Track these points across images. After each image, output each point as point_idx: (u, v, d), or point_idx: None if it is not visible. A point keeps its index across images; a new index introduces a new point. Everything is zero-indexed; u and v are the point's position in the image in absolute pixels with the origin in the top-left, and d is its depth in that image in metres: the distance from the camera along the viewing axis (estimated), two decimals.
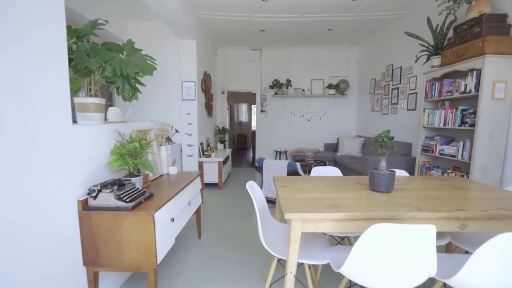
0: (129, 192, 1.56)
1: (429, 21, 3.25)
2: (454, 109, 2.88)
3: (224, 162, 4.75)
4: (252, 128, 12.30)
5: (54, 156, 1.32)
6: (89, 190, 1.46)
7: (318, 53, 6.31)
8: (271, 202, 3.23)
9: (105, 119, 1.96)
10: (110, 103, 4.20)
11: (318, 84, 6.45)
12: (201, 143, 4.62)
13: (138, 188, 1.67)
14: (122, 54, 1.77)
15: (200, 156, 4.47)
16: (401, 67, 4.41)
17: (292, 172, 2.98)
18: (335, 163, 5.57)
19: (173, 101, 4.30)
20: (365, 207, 1.32)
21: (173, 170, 2.47)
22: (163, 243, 1.60)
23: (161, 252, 1.57)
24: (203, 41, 4.67)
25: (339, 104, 6.53)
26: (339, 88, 6.20)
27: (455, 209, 1.29)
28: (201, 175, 4.53)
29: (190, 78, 4.17)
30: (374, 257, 1.10)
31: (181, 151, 4.37)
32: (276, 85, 6.26)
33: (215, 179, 4.54)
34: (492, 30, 2.48)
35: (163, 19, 3.40)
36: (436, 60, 3.14)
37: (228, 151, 5.65)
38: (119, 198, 1.48)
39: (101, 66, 1.70)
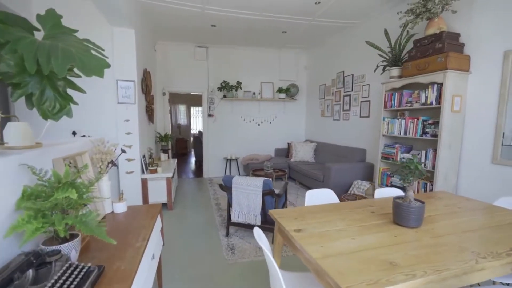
0: (60, 282, 0.87)
1: (386, 32, 3.35)
2: (415, 120, 3.00)
3: (172, 176, 4.00)
4: (192, 132, 11.41)
5: None
6: None
7: (269, 55, 6.11)
8: (244, 226, 2.77)
9: (1, 144, 1.16)
10: (11, 116, 2.87)
11: (268, 88, 6.25)
12: (143, 156, 3.77)
13: (75, 265, 0.98)
14: (33, 35, 1.04)
15: (143, 172, 3.62)
16: (352, 75, 4.54)
17: (268, 191, 2.58)
18: (290, 169, 5.45)
19: (104, 105, 3.31)
20: (424, 259, 1.03)
21: (121, 208, 1.74)
22: None
23: None
24: (142, 32, 3.81)
25: (288, 109, 6.48)
26: (290, 92, 6.14)
27: (509, 249, 1.13)
28: (146, 194, 3.71)
29: (129, 76, 3.29)
30: None
31: (117, 167, 3.44)
32: (225, 87, 5.76)
33: (163, 199, 3.76)
34: (452, 47, 2.63)
35: None
36: (396, 71, 3.24)
37: (173, 161, 4.86)
38: None
39: None
